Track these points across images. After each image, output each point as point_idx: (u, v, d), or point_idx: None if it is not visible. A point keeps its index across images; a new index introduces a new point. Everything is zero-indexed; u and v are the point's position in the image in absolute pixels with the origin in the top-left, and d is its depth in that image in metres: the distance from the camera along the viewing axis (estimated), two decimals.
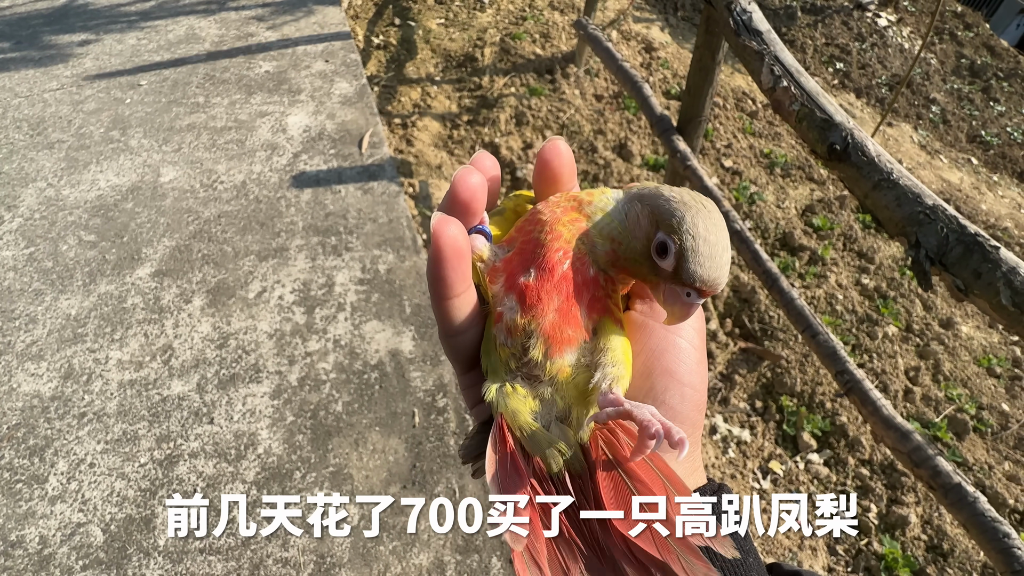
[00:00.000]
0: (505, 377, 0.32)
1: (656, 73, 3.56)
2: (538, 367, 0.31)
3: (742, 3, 1.30)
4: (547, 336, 0.31)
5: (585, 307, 0.32)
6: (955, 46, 4.92)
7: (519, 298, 0.32)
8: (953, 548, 1.76)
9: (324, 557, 1.31)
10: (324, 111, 2.70)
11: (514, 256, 0.33)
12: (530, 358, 0.31)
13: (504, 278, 0.33)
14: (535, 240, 0.33)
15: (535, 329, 0.31)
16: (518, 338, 0.31)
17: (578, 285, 0.32)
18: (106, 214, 2.18)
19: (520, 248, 0.33)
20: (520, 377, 0.32)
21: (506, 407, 0.31)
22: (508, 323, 0.32)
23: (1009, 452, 2.07)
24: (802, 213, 2.94)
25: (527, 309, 0.31)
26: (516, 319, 0.31)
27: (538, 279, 0.31)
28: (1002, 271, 0.86)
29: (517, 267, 0.33)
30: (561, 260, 0.32)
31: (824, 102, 1.10)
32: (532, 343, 0.31)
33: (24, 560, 1.30)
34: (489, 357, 0.33)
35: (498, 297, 0.33)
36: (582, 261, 0.32)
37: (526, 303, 0.31)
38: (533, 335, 0.31)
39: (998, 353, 2.43)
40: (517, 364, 0.32)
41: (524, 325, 0.31)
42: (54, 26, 3.52)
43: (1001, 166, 4.03)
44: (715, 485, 0.34)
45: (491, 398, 0.32)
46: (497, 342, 0.32)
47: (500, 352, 0.32)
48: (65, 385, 1.64)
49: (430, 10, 3.97)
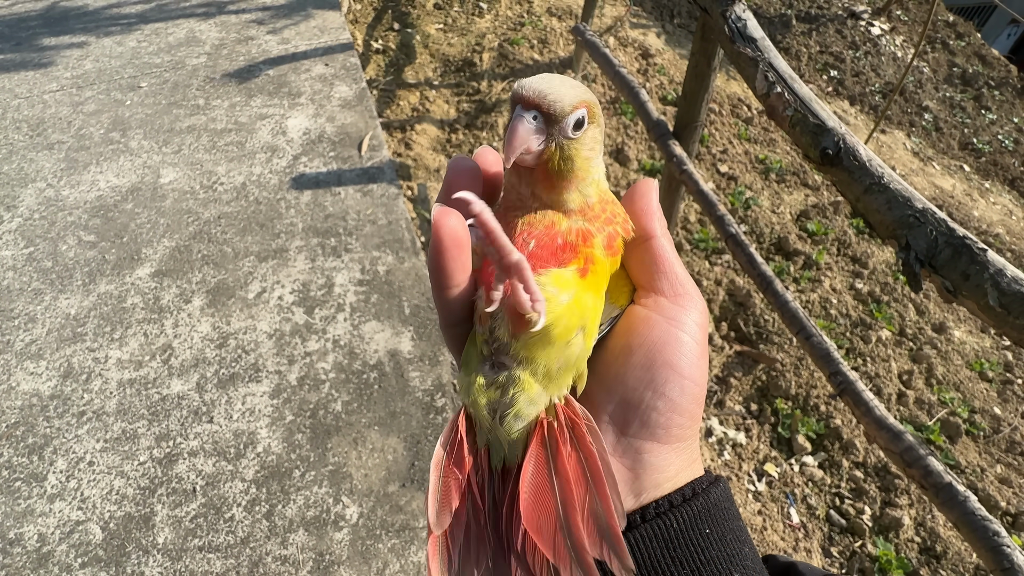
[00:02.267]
0: (476, 367, 0.33)
1: (653, 79, 3.60)
2: (503, 350, 0.32)
3: (737, 11, 1.32)
4: (509, 318, 0.32)
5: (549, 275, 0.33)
6: (947, 55, 4.98)
7: (485, 288, 0.33)
8: (946, 550, 1.78)
9: (323, 555, 1.32)
10: (324, 114, 2.72)
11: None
12: (497, 339, 0.32)
13: (480, 271, 0.34)
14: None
15: (500, 310, 0.32)
16: (486, 324, 0.33)
17: (544, 258, 0.33)
18: (106, 215, 2.19)
19: None
20: (490, 365, 0.33)
21: (467, 396, 0.33)
22: (479, 312, 0.33)
23: (1001, 455, 2.10)
24: (797, 218, 2.97)
25: (490, 295, 0.32)
26: (483, 307, 0.33)
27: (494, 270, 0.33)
28: (989, 273, 0.88)
29: (487, 260, 0.34)
30: (527, 241, 0.33)
31: (817, 108, 1.12)
32: (496, 323, 0.32)
33: (23, 558, 1.31)
34: (466, 348, 0.35)
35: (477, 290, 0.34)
36: (549, 234, 0.33)
37: (489, 292, 0.32)
38: (497, 318, 0.32)
39: (990, 357, 2.46)
40: (489, 350, 0.33)
41: (490, 312, 0.32)
42: (54, 28, 3.53)
43: (993, 173, 4.09)
44: (711, 477, 0.35)
45: (460, 388, 0.33)
46: (475, 332, 0.34)
47: (477, 339, 0.34)
48: (64, 384, 1.64)
49: (429, 15, 4.01)
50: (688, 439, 0.34)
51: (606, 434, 0.34)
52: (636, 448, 0.33)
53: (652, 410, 0.33)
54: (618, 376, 0.34)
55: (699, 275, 2.54)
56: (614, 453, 0.33)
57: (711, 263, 2.61)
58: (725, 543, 0.32)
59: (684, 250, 2.66)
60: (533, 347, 0.32)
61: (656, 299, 0.35)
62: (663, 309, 0.35)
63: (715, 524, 0.32)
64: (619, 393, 0.34)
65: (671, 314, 0.34)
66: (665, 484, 0.33)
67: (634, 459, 0.33)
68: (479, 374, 0.33)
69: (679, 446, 0.34)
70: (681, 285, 0.35)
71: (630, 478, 0.33)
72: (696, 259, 2.63)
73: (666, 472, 0.33)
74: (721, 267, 2.59)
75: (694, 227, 2.78)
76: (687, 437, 0.34)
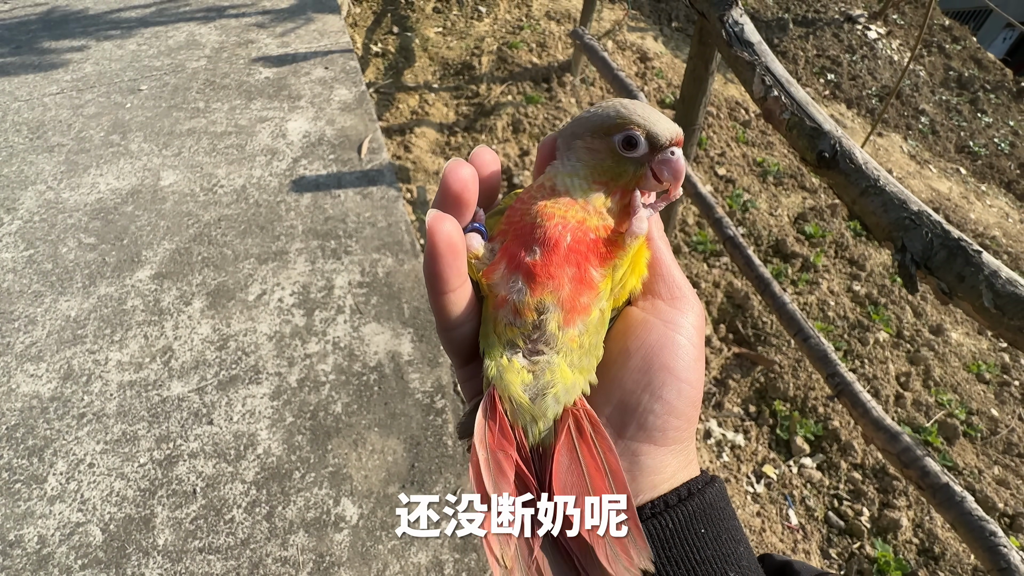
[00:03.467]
0: (505, 353, 0.33)
1: (651, 82, 3.62)
2: (549, 340, 0.33)
3: (734, 15, 1.34)
4: (565, 308, 0.32)
5: (597, 270, 0.33)
6: (943, 58, 5.01)
7: (526, 277, 0.32)
8: (944, 551, 1.79)
9: (323, 556, 1.32)
10: (324, 117, 2.73)
11: (510, 243, 0.34)
12: (545, 332, 0.32)
13: (504, 263, 0.34)
14: (529, 224, 0.34)
15: (551, 303, 0.32)
16: (528, 316, 0.32)
17: (583, 252, 0.33)
18: (106, 217, 2.19)
19: (515, 234, 0.34)
20: (522, 353, 0.33)
21: (500, 379, 0.32)
22: (516, 304, 0.33)
23: (998, 457, 2.10)
24: (794, 221, 2.98)
25: (537, 286, 0.32)
26: (526, 299, 0.32)
27: (544, 255, 0.33)
28: (984, 274, 0.89)
29: (517, 250, 0.33)
30: (563, 233, 0.33)
31: (813, 111, 1.13)
32: (547, 317, 0.32)
33: (23, 560, 1.31)
34: (487, 339, 0.34)
35: (500, 283, 0.33)
36: (582, 228, 0.34)
37: (536, 280, 0.32)
38: (548, 309, 0.32)
39: (987, 359, 2.47)
40: (525, 341, 0.33)
41: (537, 302, 0.32)
42: (54, 31, 3.54)
43: (989, 176, 4.11)
44: (707, 477, 0.35)
45: (492, 374, 0.33)
46: (502, 324, 0.33)
47: (507, 333, 0.33)
48: (64, 386, 1.64)
49: (428, 19, 4.02)
50: (684, 441, 0.34)
51: None
52: (633, 450, 0.33)
53: (649, 413, 0.33)
54: (615, 379, 0.34)
55: (697, 277, 2.55)
56: None
57: (709, 265, 2.62)
58: (721, 542, 0.32)
59: (682, 252, 2.67)
60: (576, 336, 0.33)
61: (653, 302, 0.36)
62: (660, 312, 0.35)
63: (710, 524, 0.32)
64: (616, 396, 0.34)
65: (668, 317, 0.35)
66: (661, 485, 0.33)
67: (631, 461, 0.33)
68: (512, 357, 0.33)
69: (675, 448, 0.34)
70: (678, 288, 0.36)
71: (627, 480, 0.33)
72: (694, 261, 2.64)
73: (663, 474, 0.33)
74: (719, 269, 2.60)
75: (692, 229, 2.79)
76: (683, 439, 0.34)
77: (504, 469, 0.31)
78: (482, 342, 0.35)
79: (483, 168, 0.36)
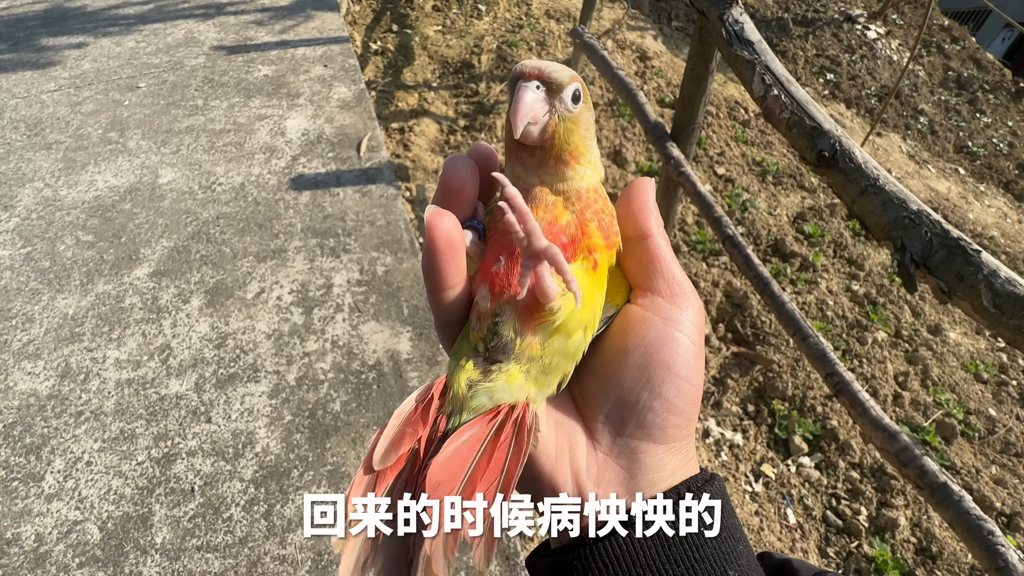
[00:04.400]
0: (467, 357, 0.34)
1: (650, 82, 3.61)
2: (507, 346, 0.33)
3: (735, 14, 1.33)
4: (519, 314, 0.33)
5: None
6: (942, 59, 5.02)
7: (489, 286, 0.33)
8: (942, 550, 1.79)
9: (321, 555, 1.32)
10: (323, 115, 2.72)
11: (489, 249, 0.34)
12: (503, 338, 0.33)
13: (481, 270, 0.34)
14: (501, 230, 0.34)
15: (507, 307, 0.33)
16: (486, 322, 0.33)
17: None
18: (104, 214, 2.19)
19: (493, 241, 0.34)
20: (481, 359, 0.33)
21: (451, 375, 0.33)
22: (480, 310, 0.33)
23: (996, 456, 2.11)
24: (793, 220, 2.98)
25: (496, 295, 0.33)
26: (486, 305, 0.33)
27: (507, 265, 0.33)
28: (983, 274, 0.89)
29: (491, 258, 0.34)
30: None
31: (813, 110, 1.13)
32: (502, 320, 0.33)
33: (20, 558, 1.30)
34: (459, 343, 0.35)
35: (477, 288, 0.34)
36: (551, 232, 0.34)
37: (495, 289, 0.33)
38: (503, 313, 0.33)
39: (985, 359, 2.47)
40: (485, 347, 0.33)
41: (493, 309, 0.33)
42: (51, 28, 3.53)
43: (987, 176, 4.11)
44: (706, 475, 0.35)
45: (448, 375, 0.34)
46: (471, 329, 0.34)
47: (473, 336, 0.34)
48: (62, 384, 1.64)
49: (427, 17, 4.02)
50: (684, 439, 0.34)
51: (603, 434, 0.34)
52: (632, 448, 0.33)
53: (648, 411, 0.33)
54: (614, 376, 0.34)
55: (696, 276, 2.55)
56: (610, 453, 0.33)
57: (708, 264, 2.62)
58: (720, 540, 0.32)
59: (682, 251, 2.67)
60: (537, 345, 0.33)
61: (653, 299, 0.35)
62: (660, 309, 0.35)
63: None
64: (615, 393, 0.34)
65: (668, 314, 0.34)
66: (661, 483, 0.33)
67: (630, 459, 0.33)
68: (470, 360, 0.33)
69: (675, 446, 0.34)
70: (678, 285, 0.35)
71: (626, 478, 0.33)
72: (693, 260, 2.64)
73: (662, 472, 0.33)
74: (718, 268, 2.60)
75: (691, 228, 2.79)
76: (683, 437, 0.34)
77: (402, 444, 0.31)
78: (455, 344, 0.35)
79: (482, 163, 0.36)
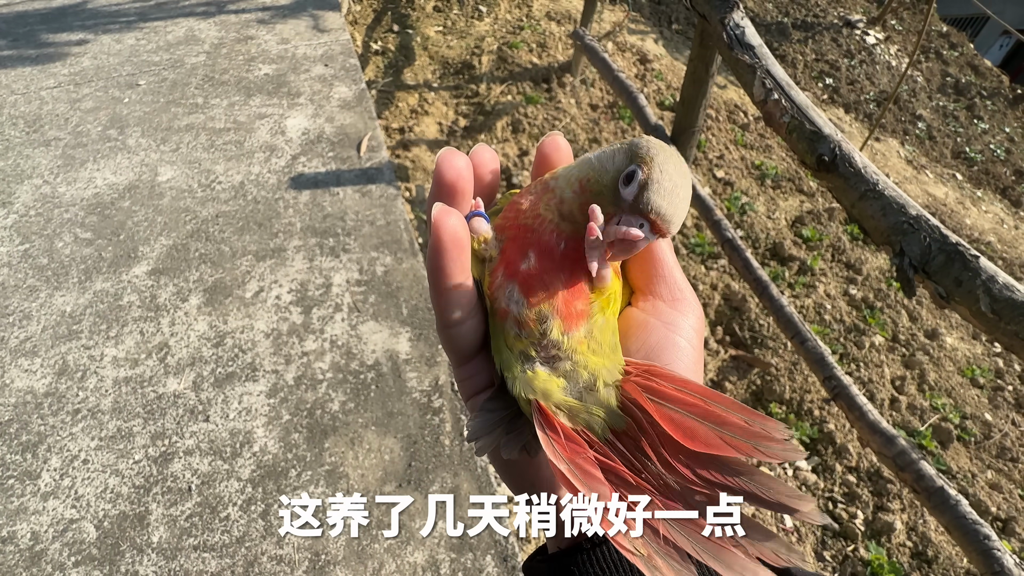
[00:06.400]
0: (524, 366, 0.32)
1: (651, 84, 3.62)
2: (557, 346, 0.32)
3: (735, 18, 1.34)
4: (561, 316, 0.32)
5: (586, 276, 0.33)
6: (940, 64, 5.04)
7: (523, 289, 0.32)
8: (938, 555, 1.80)
9: (319, 555, 1.31)
10: (323, 114, 2.72)
11: (507, 246, 0.34)
12: (549, 340, 0.32)
13: (503, 269, 0.33)
14: (523, 227, 0.33)
15: (549, 312, 0.32)
16: (533, 328, 0.32)
17: (576, 259, 0.32)
18: (103, 212, 2.18)
19: (511, 237, 0.34)
20: (539, 362, 0.32)
21: (536, 391, 0.32)
22: (517, 317, 0.32)
23: (992, 461, 2.12)
24: (792, 224, 2.99)
25: (533, 298, 0.32)
26: (524, 312, 0.32)
27: (538, 264, 0.32)
28: (982, 279, 0.90)
29: (513, 256, 0.33)
30: (557, 240, 0.32)
31: (813, 115, 1.14)
32: (549, 326, 0.32)
33: (15, 556, 1.30)
34: (501, 355, 0.34)
35: (500, 290, 0.33)
36: (558, 233, 0.33)
37: (531, 292, 0.32)
38: (547, 319, 0.32)
39: (981, 364, 2.48)
40: (537, 351, 0.32)
41: (535, 315, 0.32)
42: (51, 24, 3.52)
43: (985, 182, 4.13)
44: None
45: (518, 391, 0.32)
46: (511, 337, 0.33)
47: (517, 344, 0.33)
48: (59, 382, 1.64)
49: (428, 18, 4.02)
50: None
51: None
52: None
53: None
54: None
55: (695, 279, 2.56)
56: None
57: (707, 267, 2.63)
58: None
59: (680, 254, 2.68)
60: (583, 338, 0.32)
61: (654, 303, 0.35)
62: (660, 313, 0.35)
63: None
64: None
65: (668, 319, 0.34)
66: None
67: None
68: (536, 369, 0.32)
69: None
70: (679, 290, 0.35)
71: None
72: (692, 263, 2.64)
73: None
74: (717, 271, 2.60)
75: (690, 232, 2.79)
76: None
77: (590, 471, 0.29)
78: (496, 358, 0.34)
79: (482, 166, 0.36)
